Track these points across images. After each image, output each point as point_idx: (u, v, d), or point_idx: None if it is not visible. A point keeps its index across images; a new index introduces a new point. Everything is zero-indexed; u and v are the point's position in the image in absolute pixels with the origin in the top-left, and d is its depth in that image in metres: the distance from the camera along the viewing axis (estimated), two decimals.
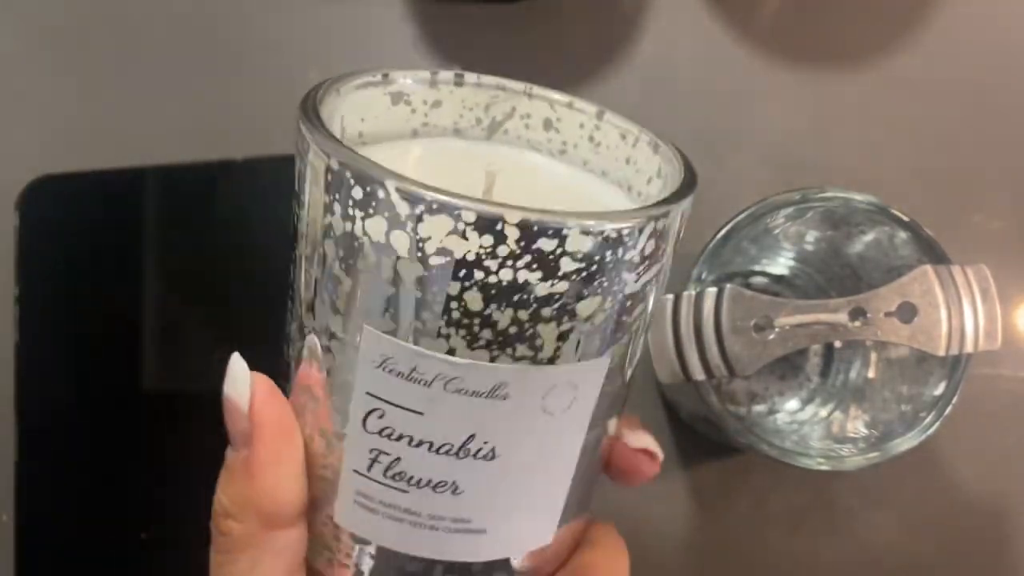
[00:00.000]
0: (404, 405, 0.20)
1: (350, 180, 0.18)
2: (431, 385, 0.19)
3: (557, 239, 0.18)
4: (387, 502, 0.21)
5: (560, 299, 0.19)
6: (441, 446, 0.20)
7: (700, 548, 0.39)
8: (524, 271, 0.18)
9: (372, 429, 0.20)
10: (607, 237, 0.19)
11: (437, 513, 0.21)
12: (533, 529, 0.22)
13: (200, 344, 0.39)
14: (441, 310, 0.19)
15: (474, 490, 0.21)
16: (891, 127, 0.40)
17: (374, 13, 0.41)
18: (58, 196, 0.39)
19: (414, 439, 0.20)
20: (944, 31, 0.41)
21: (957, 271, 0.30)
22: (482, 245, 0.18)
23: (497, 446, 0.20)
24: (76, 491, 0.38)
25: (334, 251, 0.19)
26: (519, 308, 0.19)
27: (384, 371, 0.19)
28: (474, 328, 0.19)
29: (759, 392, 0.39)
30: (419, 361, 0.19)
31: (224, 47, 0.41)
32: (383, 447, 0.20)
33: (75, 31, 0.41)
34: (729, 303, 0.30)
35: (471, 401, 0.20)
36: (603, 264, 0.19)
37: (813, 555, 0.39)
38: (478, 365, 0.19)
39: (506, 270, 0.18)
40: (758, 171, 0.40)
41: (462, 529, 0.21)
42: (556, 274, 0.18)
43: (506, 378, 0.19)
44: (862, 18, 0.41)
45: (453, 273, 0.18)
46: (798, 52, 0.41)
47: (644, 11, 0.41)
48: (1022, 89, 0.41)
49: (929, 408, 0.31)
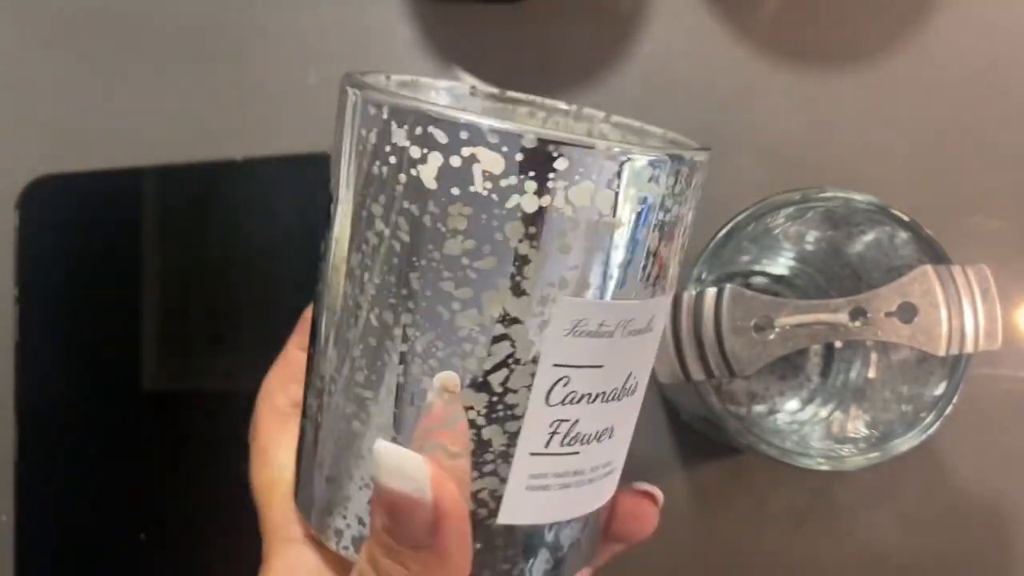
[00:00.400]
0: (588, 363, 0.20)
1: (552, 153, 0.18)
2: (613, 335, 0.20)
3: (690, 167, 0.20)
4: (560, 471, 0.21)
5: (683, 226, 0.21)
6: (611, 392, 0.21)
7: (700, 548, 0.39)
8: (680, 206, 0.20)
9: (555, 401, 0.20)
10: (702, 165, 0.21)
11: (598, 463, 0.21)
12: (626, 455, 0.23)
13: (200, 344, 0.39)
14: (630, 258, 0.20)
15: (622, 429, 0.22)
16: (891, 127, 0.40)
17: (374, 13, 0.41)
18: (58, 196, 0.39)
19: (592, 394, 0.20)
20: (944, 31, 0.41)
21: (957, 271, 0.30)
22: (667, 187, 0.20)
23: (639, 378, 0.21)
24: (76, 491, 0.38)
25: (521, 231, 0.19)
26: (662, 240, 0.20)
27: (574, 335, 0.19)
28: (647, 267, 0.20)
29: (759, 392, 0.39)
30: (607, 314, 0.20)
31: (224, 47, 0.41)
32: (563, 415, 0.20)
33: (75, 31, 0.41)
34: (729, 303, 0.30)
35: (634, 340, 0.20)
36: (697, 188, 0.21)
37: (813, 555, 0.39)
38: (646, 303, 0.20)
39: (676, 206, 0.20)
40: (758, 171, 0.40)
41: (609, 472, 0.22)
42: (686, 203, 0.20)
43: (656, 310, 0.21)
44: (862, 18, 0.41)
45: (644, 218, 0.19)
46: (798, 52, 0.41)
47: (644, 11, 0.41)
48: (1022, 89, 0.41)
49: (929, 408, 0.31)
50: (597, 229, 0.19)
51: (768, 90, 0.41)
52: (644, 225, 0.19)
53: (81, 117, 0.40)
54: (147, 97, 0.40)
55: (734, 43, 0.41)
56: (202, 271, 0.39)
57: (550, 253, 0.19)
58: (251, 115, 0.40)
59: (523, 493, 0.21)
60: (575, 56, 0.41)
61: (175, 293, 0.39)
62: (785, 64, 0.41)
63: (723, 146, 0.41)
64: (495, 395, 0.20)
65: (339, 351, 0.21)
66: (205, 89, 0.41)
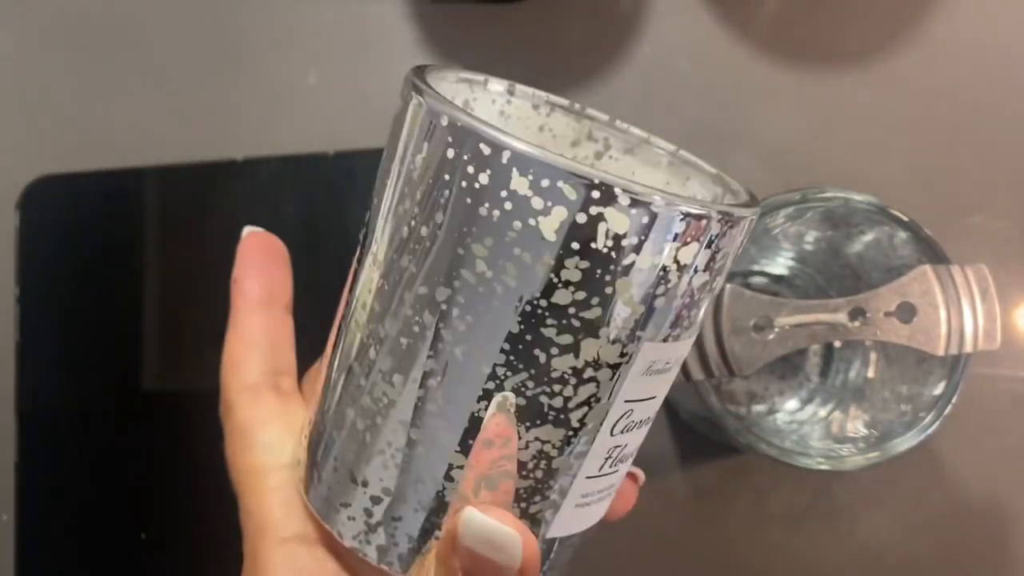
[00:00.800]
0: (648, 396, 0.22)
1: (677, 218, 0.19)
2: (671, 370, 0.22)
3: (749, 224, 0.21)
4: (603, 488, 0.22)
5: (710, 279, 0.21)
6: (652, 415, 0.22)
7: (700, 548, 0.39)
8: (721, 259, 0.21)
9: (617, 431, 0.21)
10: (743, 226, 0.21)
11: (624, 472, 0.23)
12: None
13: (200, 344, 0.39)
14: (690, 305, 0.21)
15: (636, 447, 0.23)
16: (891, 127, 0.40)
17: (374, 13, 0.41)
18: (58, 196, 0.39)
19: (642, 422, 0.22)
20: (944, 31, 0.41)
21: (957, 271, 0.30)
22: (738, 242, 0.21)
23: (651, 414, 0.23)
24: (76, 491, 0.38)
25: (630, 287, 0.19)
26: (704, 293, 0.21)
27: (647, 375, 0.21)
28: (686, 317, 0.21)
29: (759, 392, 0.39)
30: (672, 353, 0.21)
31: (224, 47, 0.41)
32: (620, 442, 0.22)
33: (75, 31, 0.41)
34: (729, 303, 0.30)
35: (670, 374, 0.22)
36: (731, 249, 0.21)
37: (813, 555, 0.39)
38: (684, 344, 0.22)
39: (717, 261, 0.21)
40: (758, 171, 0.40)
41: (612, 494, 0.24)
42: (718, 260, 0.21)
43: (682, 353, 0.22)
44: (862, 18, 0.41)
45: (714, 269, 0.21)
46: (798, 52, 0.41)
47: (643, 11, 0.41)
48: (1022, 89, 0.41)
49: (929, 408, 0.31)
50: (690, 284, 0.20)
51: (768, 90, 0.41)
52: (712, 275, 0.21)
53: (81, 117, 0.40)
54: (147, 97, 0.41)
55: (734, 43, 0.41)
56: (202, 271, 0.39)
57: (648, 305, 0.20)
58: (251, 115, 0.40)
59: (572, 511, 0.22)
60: (575, 56, 0.41)
61: (175, 293, 0.39)
62: (785, 64, 0.41)
63: (723, 146, 0.41)
64: (572, 430, 0.21)
65: (404, 377, 0.21)
66: (205, 89, 0.41)
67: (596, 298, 0.19)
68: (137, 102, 0.40)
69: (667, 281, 0.20)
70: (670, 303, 0.20)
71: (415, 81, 0.21)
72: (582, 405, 0.20)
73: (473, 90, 0.26)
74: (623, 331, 0.20)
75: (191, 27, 0.41)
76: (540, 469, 0.21)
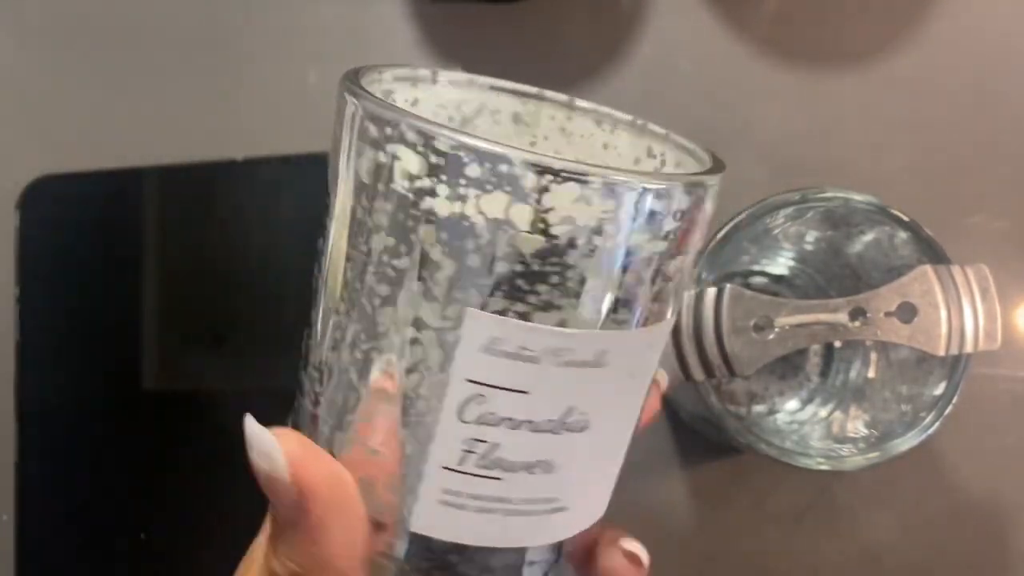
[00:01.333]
0: (509, 386, 0.19)
1: (463, 159, 0.18)
2: (540, 361, 0.19)
3: (665, 199, 0.19)
4: (477, 493, 0.20)
5: (658, 259, 0.19)
6: (543, 423, 0.20)
7: (700, 548, 0.39)
8: (636, 234, 0.19)
9: (469, 418, 0.20)
10: (699, 195, 0.19)
11: (531, 496, 0.20)
12: (599, 501, 0.22)
13: (200, 344, 0.39)
14: (557, 281, 0.18)
15: (566, 465, 0.20)
16: (891, 127, 0.40)
17: (374, 13, 0.41)
18: (58, 196, 0.39)
19: (515, 420, 0.20)
20: (944, 31, 0.41)
21: (957, 271, 0.30)
22: (604, 210, 0.18)
23: (590, 416, 0.20)
24: (76, 491, 0.38)
25: (433, 235, 0.18)
26: (627, 272, 0.19)
27: (489, 354, 0.19)
28: (584, 296, 0.19)
29: (759, 392, 0.39)
30: (529, 337, 0.19)
31: (224, 47, 0.41)
32: (480, 435, 0.20)
33: (75, 32, 0.41)
34: (729, 303, 0.30)
35: (575, 372, 0.19)
36: (693, 222, 0.20)
37: (813, 555, 0.39)
38: (588, 334, 0.19)
39: (622, 234, 0.18)
40: (758, 171, 0.40)
41: (551, 509, 0.21)
42: (659, 235, 0.19)
43: (609, 345, 0.19)
44: (862, 18, 0.41)
45: (571, 242, 0.18)
46: (798, 52, 0.41)
47: (644, 11, 0.41)
48: (1022, 89, 0.41)
49: (929, 408, 0.31)
50: (514, 244, 0.18)
51: (768, 90, 0.41)
52: (581, 251, 0.18)
53: (81, 117, 0.40)
54: (147, 97, 0.41)
55: (734, 43, 0.41)
56: (202, 271, 0.39)
57: (465, 263, 0.18)
58: (251, 115, 0.40)
59: (436, 506, 0.20)
60: (575, 56, 0.41)
61: (175, 293, 0.39)
62: (785, 64, 0.41)
63: (723, 146, 0.41)
64: (408, 399, 0.20)
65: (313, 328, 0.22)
66: (205, 89, 0.41)
67: (403, 245, 0.19)
68: (137, 102, 0.40)
69: (478, 236, 0.18)
70: (500, 267, 0.18)
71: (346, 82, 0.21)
72: (412, 371, 0.19)
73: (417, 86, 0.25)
74: (439, 289, 0.19)
75: (191, 27, 0.41)
76: (387, 437, 0.20)
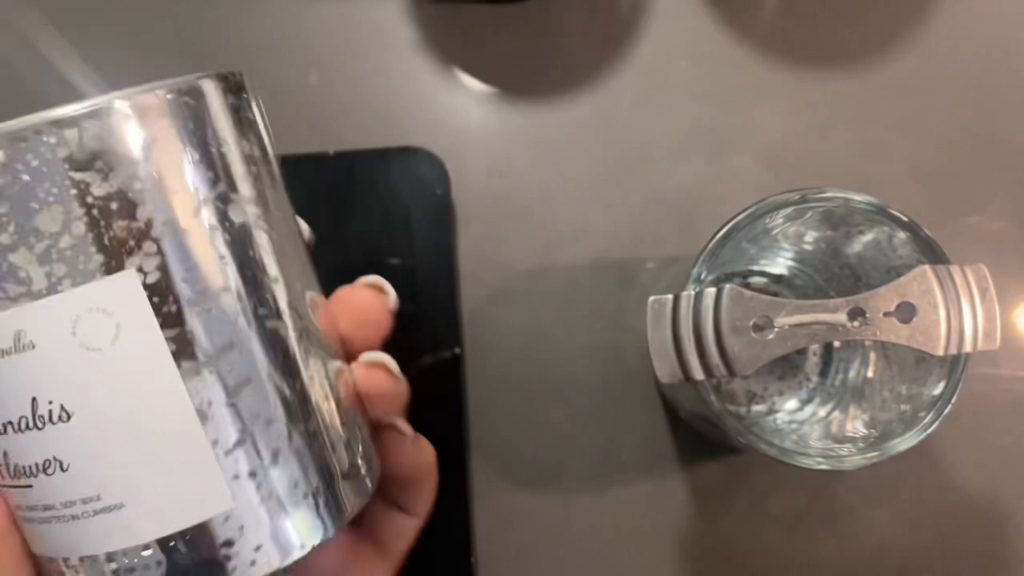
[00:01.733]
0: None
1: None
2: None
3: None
4: (23, 503, 0.19)
5: (9, 220, 0.17)
6: (17, 423, 0.18)
7: (700, 548, 0.39)
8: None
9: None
10: (26, 139, 0.17)
11: (65, 499, 0.18)
12: (193, 491, 0.19)
13: None
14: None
15: (79, 460, 0.18)
16: (891, 127, 0.41)
17: (374, 13, 0.41)
18: None
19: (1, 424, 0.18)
20: (944, 31, 0.41)
21: (956, 271, 0.30)
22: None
23: (64, 402, 0.18)
24: None
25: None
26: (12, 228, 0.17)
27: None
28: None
29: (759, 392, 0.39)
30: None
31: (225, 48, 0.41)
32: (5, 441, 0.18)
33: (75, 31, 0.41)
34: (728, 303, 0.30)
35: (5, 362, 0.17)
36: (37, 170, 0.17)
37: (813, 555, 0.39)
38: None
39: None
40: (758, 171, 0.40)
41: (100, 509, 0.18)
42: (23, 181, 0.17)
43: (18, 324, 0.17)
44: (862, 18, 0.41)
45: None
46: (798, 52, 0.41)
47: (643, 11, 0.41)
48: (1022, 89, 0.41)
49: (928, 408, 0.31)
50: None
51: (768, 90, 0.41)
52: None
53: None
54: None
55: (734, 43, 0.41)
56: None
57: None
58: None
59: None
60: (575, 56, 0.41)
61: None
62: (785, 64, 0.41)
63: (723, 146, 0.41)
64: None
65: None
66: None
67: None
68: None
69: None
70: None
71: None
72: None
73: None
74: None
75: (191, 27, 0.41)
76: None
